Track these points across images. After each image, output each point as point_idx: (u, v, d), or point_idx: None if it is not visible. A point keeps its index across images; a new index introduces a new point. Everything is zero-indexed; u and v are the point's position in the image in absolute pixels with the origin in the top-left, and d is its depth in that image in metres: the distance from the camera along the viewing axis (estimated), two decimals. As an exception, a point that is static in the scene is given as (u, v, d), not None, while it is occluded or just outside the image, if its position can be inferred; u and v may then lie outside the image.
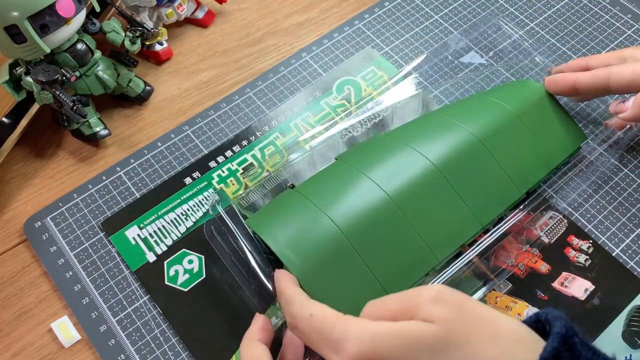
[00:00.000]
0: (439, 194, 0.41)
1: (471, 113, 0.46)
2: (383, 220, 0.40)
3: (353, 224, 0.39)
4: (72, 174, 0.52)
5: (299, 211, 0.41)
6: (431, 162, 0.42)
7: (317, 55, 0.59)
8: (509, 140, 0.45)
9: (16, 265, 0.48)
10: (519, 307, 0.44)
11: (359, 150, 0.46)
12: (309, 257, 0.38)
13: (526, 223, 0.45)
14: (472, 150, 0.43)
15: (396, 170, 0.42)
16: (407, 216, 0.40)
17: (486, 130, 0.44)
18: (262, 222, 0.42)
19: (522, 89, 0.49)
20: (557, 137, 0.47)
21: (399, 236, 0.40)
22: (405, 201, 0.40)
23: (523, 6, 0.62)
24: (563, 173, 0.48)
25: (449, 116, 0.46)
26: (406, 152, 0.43)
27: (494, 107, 0.46)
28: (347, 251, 0.39)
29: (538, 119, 0.46)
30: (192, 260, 0.46)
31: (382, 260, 0.39)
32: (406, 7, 0.62)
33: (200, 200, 0.50)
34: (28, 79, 0.48)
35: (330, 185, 0.42)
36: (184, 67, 0.59)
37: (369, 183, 0.41)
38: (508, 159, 0.44)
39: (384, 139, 0.46)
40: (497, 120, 0.45)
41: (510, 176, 0.43)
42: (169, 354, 0.43)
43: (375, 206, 0.40)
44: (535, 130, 0.46)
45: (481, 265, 0.45)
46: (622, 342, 0.42)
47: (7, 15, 0.43)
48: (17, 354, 0.44)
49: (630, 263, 0.46)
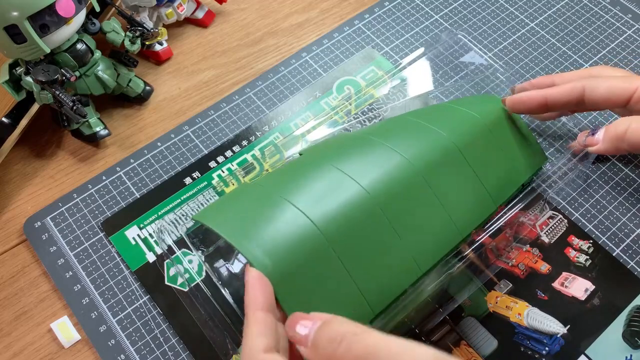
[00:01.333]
0: (421, 198, 0.38)
1: (445, 120, 0.44)
2: (364, 220, 0.35)
3: (332, 224, 0.34)
4: (72, 174, 0.52)
5: (264, 205, 0.35)
6: (412, 163, 0.38)
7: (317, 55, 0.59)
8: (483, 152, 0.43)
9: (16, 265, 0.48)
10: (519, 307, 0.44)
11: (327, 145, 0.42)
12: (283, 259, 0.33)
13: (520, 217, 0.45)
14: (451, 157, 0.41)
15: (374, 167, 0.38)
16: (389, 217, 0.36)
17: (463, 139, 0.42)
18: (216, 215, 0.36)
19: (489, 103, 0.47)
20: (522, 154, 0.45)
21: (381, 240, 0.36)
22: (386, 201, 0.36)
23: (523, 6, 0.62)
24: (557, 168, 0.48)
25: (422, 120, 0.44)
26: (382, 150, 0.39)
27: (465, 117, 0.44)
28: (327, 255, 0.34)
29: (505, 134, 0.45)
30: (192, 260, 0.46)
31: (364, 267, 0.35)
32: (406, 7, 0.62)
33: (200, 200, 0.50)
34: (28, 79, 0.48)
35: (299, 178, 0.37)
36: (184, 67, 0.59)
37: (345, 179, 0.36)
38: (483, 170, 0.42)
39: (354, 136, 0.42)
40: (471, 130, 0.43)
41: (487, 188, 0.41)
42: (169, 354, 0.43)
43: (355, 204, 0.35)
44: (504, 144, 0.44)
45: (476, 261, 0.45)
46: (622, 342, 0.42)
47: (7, 15, 0.43)
48: (17, 354, 0.44)
49: (631, 263, 0.46)
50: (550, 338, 0.43)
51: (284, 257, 0.33)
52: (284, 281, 0.33)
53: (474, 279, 0.45)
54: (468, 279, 0.45)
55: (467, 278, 0.45)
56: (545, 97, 0.44)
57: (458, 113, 0.45)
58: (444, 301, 0.44)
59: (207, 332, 0.43)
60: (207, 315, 0.43)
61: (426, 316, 0.43)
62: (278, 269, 0.33)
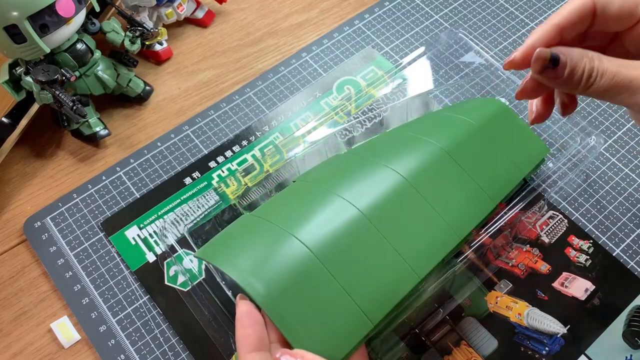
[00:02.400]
0: (413, 207, 0.39)
1: (434, 128, 0.45)
2: (357, 237, 0.36)
3: (324, 244, 0.35)
4: (72, 174, 0.52)
5: (260, 235, 0.37)
6: (401, 175, 0.39)
7: (317, 55, 0.59)
8: (475, 152, 0.43)
9: (16, 266, 0.48)
10: (519, 307, 0.44)
11: (319, 169, 0.43)
12: (275, 283, 0.34)
13: (520, 217, 0.45)
14: (440, 162, 0.41)
15: (365, 185, 0.39)
16: (383, 232, 0.37)
17: (452, 142, 0.42)
18: (216, 251, 0.38)
19: (482, 106, 0.47)
20: (521, 150, 0.45)
21: (376, 254, 0.36)
22: (379, 216, 0.37)
23: (523, 6, 0.62)
24: (557, 168, 0.48)
25: (411, 132, 0.45)
26: (373, 167, 0.40)
27: (456, 122, 0.45)
28: (320, 273, 0.35)
29: (501, 132, 0.45)
30: (192, 260, 0.46)
31: (360, 282, 0.35)
32: (406, 7, 0.62)
33: (200, 200, 0.50)
34: (28, 79, 0.48)
35: (293, 205, 0.39)
36: (184, 67, 0.59)
37: (337, 199, 0.38)
38: (477, 170, 0.42)
39: (347, 156, 0.44)
40: (461, 133, 0.43)
41: (482, 187, 0.41)
42: (169, 354, 0.43)
43: (347, 223, 0.37)
44: (499, 142, 0.44)
45: (476, 261, 0.45)
46: (622, 342, 0.42)
47: (7, 15, 0.43)
48: (16, 354, 0.44)
49: (631, 263, 0.46)
50: (551, 338, 0.43)
51: (276, 280, 0.34)
52: (278, 304, 0.34)
53: (474, 279, 0.45)
54: (468, 279, 0.45)
55: (467, 278, 0.45)
56: (556, 23, 0.35)
57: (449, 120, 0.46)
58: (444, 301, 0.44)
59: (210, 332, 0.43)
60: (211, 315, 0.43)
61: (426, 316, 0.43)
62: (271, 293, 0.34)
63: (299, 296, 0.34)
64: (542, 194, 0.47)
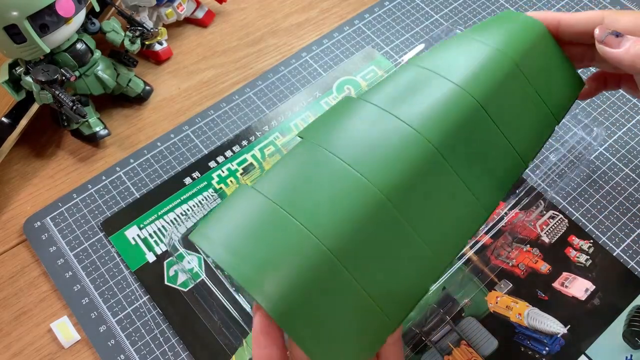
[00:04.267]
0: (440, 181, 0.33)
1: (463, 65, 0.36)
2: (375, 223, 0.31)
3: (339, 235, 0.30)
4: (72, 174, 0.52)
5: (265, 223, 0.31)
6: (427, 140, 0.33)
7: (317, 55, 0.59)
8: (510, 102, 0.36)
9: (16, 266, 0.47)
10: (520, 307, 0.44)
11: (330, 123, 0.36)
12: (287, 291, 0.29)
13: (520, 217, 0.45)
14: (472, 120, 0.34)
15: (385, 155, 0.32)
16: (404, 216, 0.31)
17: (485, 90, 0.35)
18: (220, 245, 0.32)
19: (514, 26, 0.39)
20: (557, 88, 0.38)
21: (396, 242, 0.31)
22: (400, 195, 0.31)
23: (523, 5, 0.62)
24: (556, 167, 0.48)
25: (437, 70, 0.36)
26: (393, 126, 0.33)
27: (487, 56, 0.36)
28: (335, 272, 0.30)
29: (537, 66, 0.37)
30: (191, 260, 0.46)
31: (380, 277, 0.31)
32: (406, 6, 0.62)
33: (200, 200, 0.50)
34: (28, 79, 0.48)
35: (301, 180, 0.33)
36: (184, 67, 0.59)
37: (351, 175, 0.32)
38: (512, 126, 0.35)
39: (360, 106, 0.36)
40: (495, 74, 0.35)
41: (516, 148, 0.35)
42: (169, 354, 0.43)
43: (365, 205, 0.31)
44: (535, 82, 0.37)
45: (477, 262, 0.45)
46: (622, 342, 0.42)
47: (6, 15, 0.43)
48: (16, 354, 0.44)
49: (631, 263, 0.45)
50: (551, 338, 0.43)
51: (289, 288, 0.29)
52: (293, 315, 0.29)
53: (474, 279, 0.45)
54: (468, 279, 0.45)
55: (468, 278, 0.45)
56: (558, 20, 0.38)
57: (477, 51, 0.37)
58: (444, 301, 0.44)
59: (213, 331, 0.43)
60: (213, 314, 0.43)
61: (426, 316, 0.43)
62: (284, 304, 0.29)
63: (314, 303, 0.29)
64: (541, 194, 0.47)
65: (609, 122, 0.53)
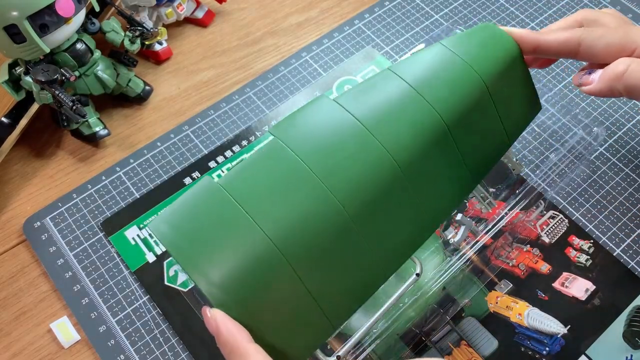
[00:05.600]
0: (396, 197, 0.34)
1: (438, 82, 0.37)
2: (327, 230, 0.32)
3: (291, 237, 0.31)
4: (72, 174, 0.52)
5: (213, 208, 0.32)
6: (390, 155, 0.34)
7: (317, 55, 0.59)
8: (474, 124, 0.37)
9: (16, 266, 0.47)
10: (520, 307, 0.44)
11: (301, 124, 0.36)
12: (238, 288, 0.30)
13: (520, 217, 0.45)
14: (436, 141, 0.35)
15: (348, 165, 0.33)
16: (357, 225, 0.32)
17: (454, 111, 0.36)
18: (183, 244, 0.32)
19: (492, 43, 0.39)
20: (518, 110, 0.39)
21: (348, 250, 0.32)
22: (358, 210, 0.33)
23: (524, 5, 0.62)
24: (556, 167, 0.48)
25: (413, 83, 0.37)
26: (361, 138, 0.34)
27: (463, 76, 0.37)
28: (284, 272, 0.31)
29: (504, 86, 0.38)
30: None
31: (326, 282, 0.32)
32: (406, 6, 0.62)
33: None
34: (27, 79, 0.48)
35: (265, 180, 0.33)
36: (184, 67, 0.59)
37: (313, 182, 0.32)
38: (469, 147, 0.36)
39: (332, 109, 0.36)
40: (466, 97, 0.36)
41: (469, 168, 0.36)
42: (169, 354, 0.43)
43: (322, 216, 0.32)
44: (500, 103, 0.38)
45: (477, 262, 0.45)
46: (622, 342, 0.42)
47: (6, 15, 0.43)
48: (16, 354, 0.44)
49: (631, 263, 0.45)
50: (551, 338, 0.43)
51: (239, 286, 0.31)
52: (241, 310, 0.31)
53: (474, 280, 0.45)
54: (469, 280, 0.45)
55: (468, 278, 0.45)
56: (537, 41, 0.40)
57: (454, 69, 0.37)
58: (444, 301, 0.44)
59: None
60: None
61: (426, 316, 0.43)
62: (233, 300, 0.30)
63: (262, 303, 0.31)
64: (541, 194, 0.47)
65: (609, 122, 0.53)
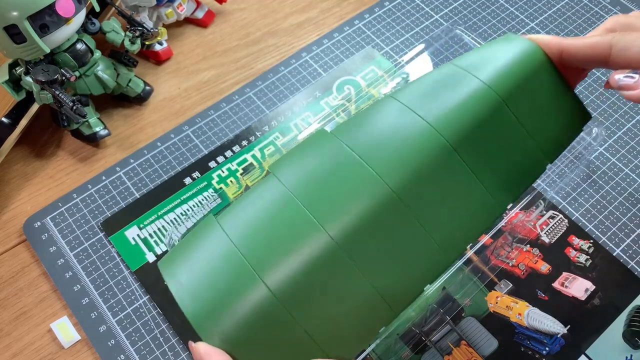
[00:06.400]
0: (399, 230, 0.32)
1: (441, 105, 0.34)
2: (324, 269, 0.31)
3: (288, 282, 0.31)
4: (72, 174, 0.52)
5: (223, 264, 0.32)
6: (389, 188, 0.31)
7: (317, 55, 0.59)
8: (490, 143, 0.33)
9: (16, 266, 0.47)
10: (520, 307, 0.44)
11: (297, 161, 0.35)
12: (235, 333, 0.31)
13: (520, 217, 0.45)
14: (442, 166, 0.32)
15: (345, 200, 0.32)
16: (357, 262, 0.31)
17: (460, 130, 0.32)
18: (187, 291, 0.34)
19: (505, 50, 0.35)
20: (553, 122, 0.35)
21: (346, 288, 0.31)
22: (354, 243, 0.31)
23: (523, 6, 0.62)
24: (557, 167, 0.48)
25: (412, 106, 0.34)
26: (357, 172, 0.32)
27: (470, 92, 0.33)
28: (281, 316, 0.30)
29: (529, 98, 0.34)
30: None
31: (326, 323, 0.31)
32: (406, 6, 0.62)
33: (200, 200, 0.50)
34: (28, 79, 0.48)
35: (262, 223, 0.33)
36: (184, 67, 0.59)
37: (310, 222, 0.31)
38: (487, 168, 0.33)
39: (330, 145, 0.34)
40: (475, 113, 0.33)
41: (491, 191, 0.33)
42: (169, 354, 0.43)
43: (317, 253, 0.31)
44: (525, 117, 0.34)
45: (479, 264, 0.45)
46: (622, 342, 0.42)
47: (6, 15, 0.43)
48: (16, 354, 0.44)
49: (631, 263, 0.46)
50: (551, 338, 0.43)
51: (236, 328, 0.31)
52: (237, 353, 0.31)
53: (474, 280, 0.45)
54: (468, 279, 0.45)
55: (468, 278, 0.45)
56: (560, 47, 0.35)
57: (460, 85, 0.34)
58: (444, 301, 0.44)
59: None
60: None
61: (426, 316, 0.43)
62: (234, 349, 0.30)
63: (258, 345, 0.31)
64: (541, 194, 0.47)
65: (609, 122, 0.53)
